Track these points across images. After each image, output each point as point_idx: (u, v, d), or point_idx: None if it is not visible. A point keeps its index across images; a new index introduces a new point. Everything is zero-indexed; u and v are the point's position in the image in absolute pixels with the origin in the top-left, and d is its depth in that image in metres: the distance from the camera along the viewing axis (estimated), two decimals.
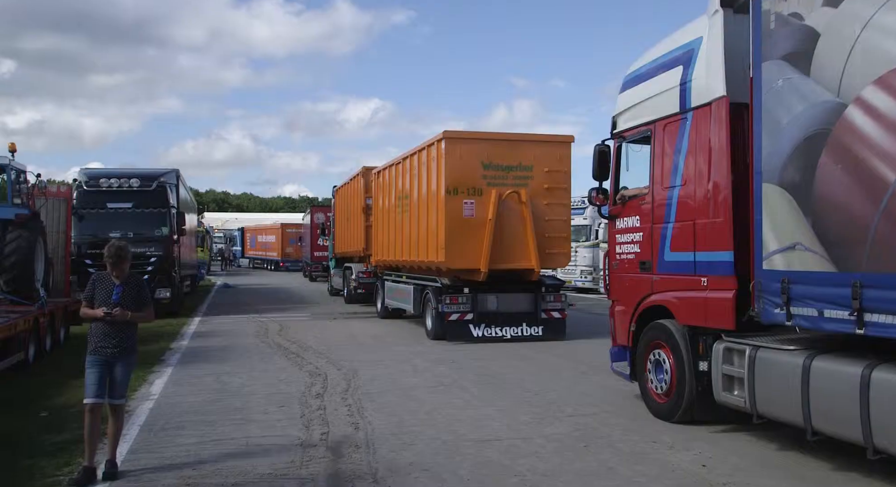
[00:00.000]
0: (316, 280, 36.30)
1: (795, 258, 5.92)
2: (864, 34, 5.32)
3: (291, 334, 15.27)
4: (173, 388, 9.42)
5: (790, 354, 6.00)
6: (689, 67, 7.28)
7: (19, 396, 8.91)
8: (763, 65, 6.27)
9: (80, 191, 18.07)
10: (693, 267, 7.20)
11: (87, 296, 6.02)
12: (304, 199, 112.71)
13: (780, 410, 6.11)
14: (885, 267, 5.11)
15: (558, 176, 14.14)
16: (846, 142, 5.44)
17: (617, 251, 8.61)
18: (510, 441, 6.81)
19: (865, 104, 5.29)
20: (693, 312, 7.17)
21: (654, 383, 7.73)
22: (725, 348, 6.72)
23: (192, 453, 6.46)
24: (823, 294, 5.64)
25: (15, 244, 12.17)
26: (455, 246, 13.47)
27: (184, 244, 21.29)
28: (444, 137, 13.85)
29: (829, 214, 5.62)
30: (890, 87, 5.07)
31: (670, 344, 7.45)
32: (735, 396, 6.59)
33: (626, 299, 8.40)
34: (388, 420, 7.66)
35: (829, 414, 5.60)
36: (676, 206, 7.45)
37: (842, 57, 5.49)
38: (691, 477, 5.78)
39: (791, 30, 6.04)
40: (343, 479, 5.76)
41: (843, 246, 5.50)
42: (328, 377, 10.17)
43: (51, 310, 12.01)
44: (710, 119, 6.95)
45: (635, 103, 8.29)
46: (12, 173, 12.98)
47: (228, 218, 79.48)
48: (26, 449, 6.60)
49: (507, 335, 13.92)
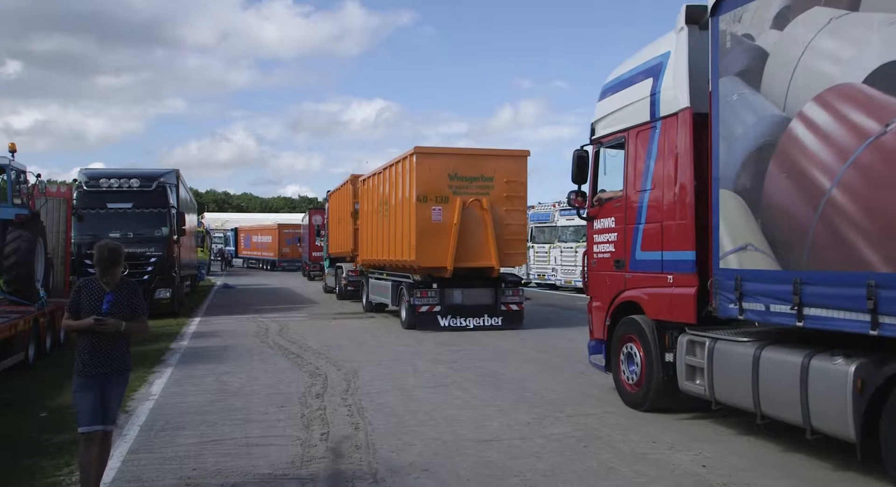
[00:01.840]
0: (314, 279, 36.76)
1: (747, 258, 6.50)
2: (805, 55, 5.89)
3: (292, 334, 15.28)
4: (173, 388, 9.42)
5: (743, 345, 6.55)
6: (658, 79, 7.80)
7: (19, 396, 8.92)
8: (720, 80, 6.85)
9: (80, 192, 18.07)
10: (661, 266, 7.71)
11: (72, 306, 5.08)
12: (304, 200, 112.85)
13: (734, 396, 6.67)
14: (822, 266, 5.70)
15: (516, 185, 16.08)
16: (790, 152, 6.00)
17: (594, 250, 9.11)
18: (510, 441, 6.82)
19: (806, 119, 5.84)
20: (660, 307, 7.73)
21: (626, 374, 8.28)
22: (688, 340, 7.26)
23: (192, 453, 6.46)
24: (770, 290, 6.21)
25: (15, 244, 12.17)
26: (425, 247, 15.37)
27: (184, 244, 21.30)
28: (415, 152, 15.80)
29: (776, 218, 6.18)
30: (827, 104, 5.63)
31: (640, 338, 7.98)
32: (696, 385, 7.15)
33: (602, 295, 8.93)
34: (388, 420, 7.66)
35: (774, 399, 6.14)
36: (646, 209, 7.97)
37: (787, 75, 6.05)
38: (691, 477, 5.78)
39: (744, 49, 6.57)
40: (343, 479, 5.77)
41: (787, 247, 6.06)
42: (328, 377, 10.17)
43: (51, 310, 12.02)
44: (676, 128, 7.47)
45: (611, 111, 8.77)
46: (12, 173, 12.98)
47: (228, 218, 79.47)
48: (26, 449, 6.61)
49: (471, 325, 15.81)
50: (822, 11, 5.72)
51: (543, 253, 29.85)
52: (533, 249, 30.64)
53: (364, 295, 21.18)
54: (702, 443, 6.72)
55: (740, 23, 6.66)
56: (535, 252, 30.47)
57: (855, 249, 5.39)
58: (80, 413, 5.03)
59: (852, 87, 5.44)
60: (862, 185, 5.35)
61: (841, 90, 5.54)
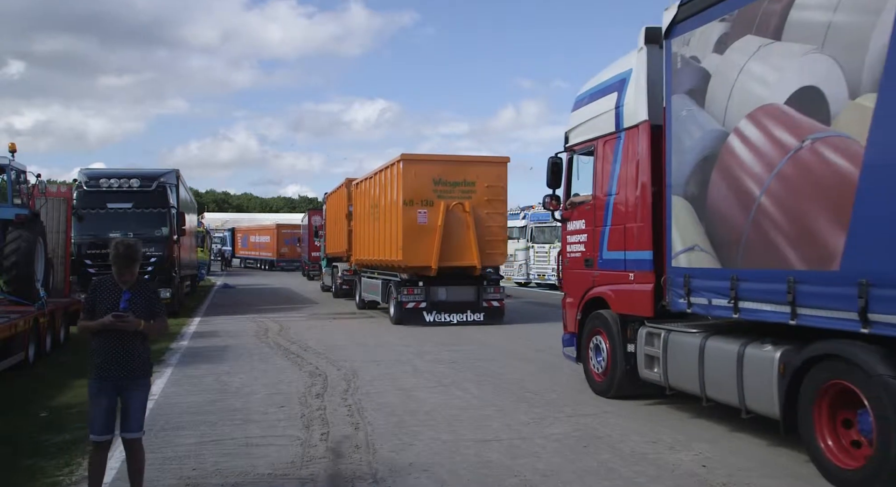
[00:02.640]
0: (313, 278, 37.01)
1: (694, 257, 7.21)
2: (739, 77, 6.59)
3: (291, 334, 15.28)
4: (173, 388, 9.42)
5: (691, 336, 7.26)
6: (622, 94, 8.46)
7: (19, 396, 8.92)
8: (672, 97, 7.56)
9: (80, 192, 18.04)
10: (624, 264, 8.36)
11: (88, 307, 4.89)
12: (304, 200, 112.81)
13: (684, 382, 7.38)
14: (753, 265, 6.39)
15: (496, 190, 17.03)
16: (728, 163, 6.69)
17: (567, 250, 9.80)
18: (510, 441, 6.82)
19: (741, 134, 6.53)
20: (623, 302, 8.40)
21: (595, 364, 8.98)
22: (647, 332, 7.96)
23: (192, 453, 6.45)
24: (712, 286, 6.91)
25: (15, 244, 12.15)
26: (411, 248, 16.32)
27: (184, 244, 21.29)
28: (402, 159, 16.78)
29: (717, 221, 6.88)
30: (757, 121, 6.33)
31: (607, 331, 8.67)
32: (654, 373, 7.85)
33: (574, 292, 9.62)
34: (388, 420, 7.66)
35: (716, 384, 6.85)
36: (612, 212, 8.61)
37: (725, 94, 6.76)
38: (691, 477, 5.78)
39: (692, 70, 7.28)
40: (343, 479, 5.76)
41: (726, 248, 6.76)
42: (328, 377, 10.17)
43: (51, 310, 12.02)
44: (636, 138, 8.12)
45: (582, 121, 9.38)
46: (12, 173, 12.98)
47: (228, 218, 79.44)
48: (26, 449, 6.60)
49: (454, 320, 16.81)
50: (753, 39, 6.41)
51: (543, 254, 29.82)
52: (533, 249, 30.65)
53: (357, 293, 22.09)
54: (702, 443, 6.72)
55: (689, 46, 7.34)
56: (535, 252, 30.46)
57: (778, 249, 6.08)
58: (93, 421, 4.82)
59: (777, 107, 6.13)
60: (784, 194, 6.03)
61: (768, 109, 6.23)
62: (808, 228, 5.76)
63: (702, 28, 7.12)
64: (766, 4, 6.26)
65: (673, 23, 7.54)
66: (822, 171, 5.65)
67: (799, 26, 5.94)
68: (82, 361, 11.21)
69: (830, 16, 5.63)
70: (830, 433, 5.66)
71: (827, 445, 5.65)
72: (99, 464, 4.92)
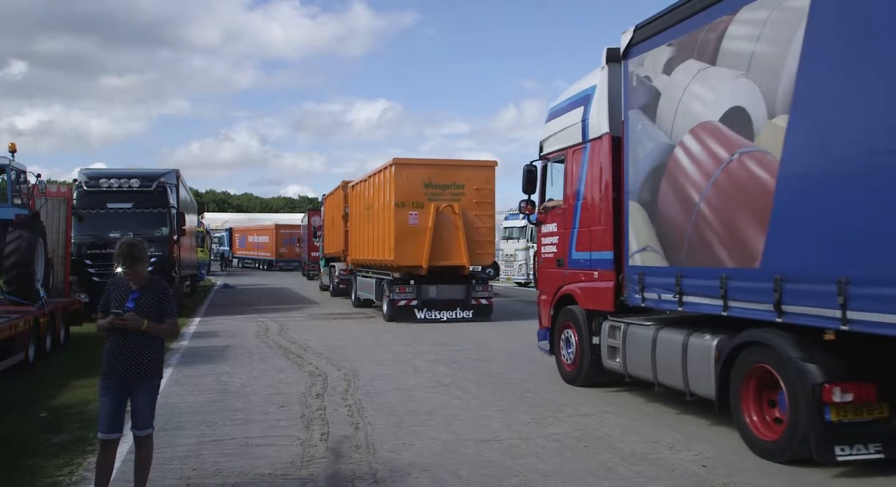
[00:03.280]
0: (313, 278, 37.12)
1: (647, 257, 7.96)
2: (683, 96, 7.34)
3: (291, 334, 15.29)
4: (173, 388, 9.41)
5: (646, 328, 8.00)
6: (587, 108, 9.17)
7: (19, 396, 8.92)
8: (629, 112, 8.32)
9: (80, 192, 18.04)
10: (590, 264, 9.10)
11: (102, 306, 4.95)
12: (304, 200, 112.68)
13: (640, 370, 8.11)
14: (694, 263, 7.16)
15: (485, 192, 17.68)
16: (674, 172, 7.45)
17: (542, 251, 10.57)
18: (510, 441, 6.82)
19: (685, 146, 7.28)
20: (589, 298, 9.13)
21: (565, 355, 9.74)
22: (609, 325, 8.72)
23: (192, 453, 6.45)
24: (661, 283, 7.68)
25: (15, 244, 12.16)
26: (402, 248, 16.96)
27: (184, 244, 21.28)
28: (394, 163, 17.42)
29: (665, 224, 7.62)
30: (697, 136, 7.10)
31: (575, 325, 9.46)
32: (616, 362, 8.58)
33: (547, 290, 10.34)
34: (388, 420, 7.66)
35: (666, 370, 7.62)
36: (580, 216, 9.34)
37: (672, 111, 7.51)
38: (691, 477, 5.78)
39: (645, 88, 8.03)
40: (343, 479, 5.76)
41: (672, 248, 7.52)
42: (328, 377, 10.17)
43: (51, 310, 12.02)
44: (600, 149, 8.84)
45: (555, 132, 10.08)
46: (12, 173, 12.98)
47: (229, 218, 79.40)
48: (26, 449, 6.60)
49: (444, 317, 17.46)
50: (694, 63, 7.18)
51: None
52: (532, 249, 30.59)
53: (353, 291, 22.75)
54: (702, 443, 6.72)
55: (643, 66, 8.10)
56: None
57: (713, 250, 6.85)
58: (100, 419, 4.87)
59: (712, 124, 6.87)
60: (718, 200, 6.79)
61: (705, 126, 6.98)
62: (737, 231, 6.53)
63: (653, 51, 7.89)
64: (704, 33, 7.00)
65: (629, 45, 8.31)
66: (746, 182, 6.40)
67: (729, 54, 6.69)
68: (82, 361, 11.24)
69: (753, 46, 6.37)
70: (756, 410, 6.43)
71: (752, 420, 6.43)
72: (106, 463, 4.92)
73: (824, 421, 5.62)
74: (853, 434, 5.65)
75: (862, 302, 5.25)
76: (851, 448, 5.67)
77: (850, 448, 5.67)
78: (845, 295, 5.34)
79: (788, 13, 5.95)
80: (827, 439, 5.65)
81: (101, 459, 4.92)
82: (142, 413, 4.92)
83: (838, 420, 5.62)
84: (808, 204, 5.74)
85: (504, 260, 31.87)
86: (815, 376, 5.69)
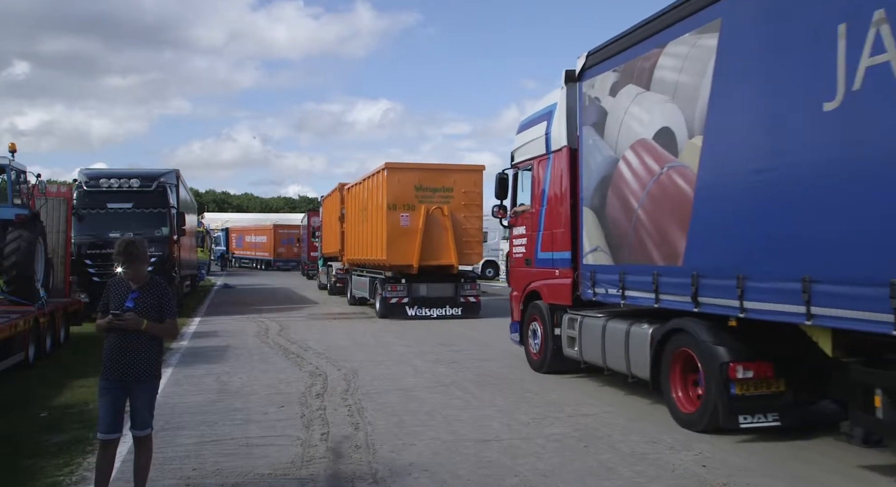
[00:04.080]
0: (312, 278, 37.28)
1: (597, 256, 8.95)
2: (625, 116, 8.35)
3: (291, 334, 15.28)
4: (173, 388, 9.41)
5: (597, 319, 8.97)
6: (550, 123, 10.16)
7: (19, 396, 8.92)
8: (583, 128, 9.35)
9: (80, 192, 18.03)
10: (552, 263, 10.09)
11: (102, 306, 4.95)
12: (304, 200, 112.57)
13: (593, 356, 9.09)
14: (634, 261, 8.16)
15: (473, 195, 18.49)
16: (618, 182, 8.47)
17: (513, 252, 11.53)
18: (510, 441, 6.82)
19: (626, 160, 8.30)
20: (551, 294, 10.15)
21: (532, 345, 10.80)
22: (568, 318, 9.69)
23: (192, 453, 6.45)
24: (608, 279, 8.69)
25: (15, 244, 12.14)
26: (394, 248, 17.77)
27: (184, 244, 21.28)
28: (386, 168, 18.25)
29: (611, 228, 8.63)
30: (636, 151, 8.11)
31: (541, 318, 10.48)
32: (574, 351, 9.57)
33: (518, 287, 11.33)
34: (389, 420, 7.66)
35: (612, 356, 8.61)
36: (544, 219, 10.33)
37: (616, 128, 8.53)
38: (691, 477, 5.78)
39: (595, 107, 9.06)
40: (343, 479, 5.76)
41: (617, 248, 8.51)
42: (328, 377, 10.17)
43: (51, 310, 12.02)
44: (560, 160, 9.83)
45: (524, 143, 11.07)
46: (12, 173, 12.97)
47: (229, 218, 79.34)
48: (26, 449, 6.59)
49: (434, 314, 18.25)
50: (633, 88, 8.20)
51: None
52: None
53: (349, 290, 23.55)
54: (702, 443, 6.72)
55: (594, 88, 9.11)
56: None
57: (648, 250, 7.87)
58: (99, 419, 4.87)
59: (647, 141, 7.88)
60: (651, 207, 7.81)
61: (642, 142, 7.99)
62: (665, 234, 7.56)
63: (602, 75, 8.92)
64: (640, 62, 8.04)
65: (583, 69, 9.35)
66: (672, 192, 7.42)
67: (660, 81, 7.71)
68: (82, 361, 11.24)
69: (678, 76, 7.40)
70: (682, 387, 7.42)
71: (678, 396, 7.43)
72: (105, 463, 4.92)
73: (730, 395, 6.62)
74: (754, 405, 6.66)
75: (754, 293, 6.30)
76: (753, 417, 6.68)
77: (752, 417, 6.68)
78: (742, 288, 6.39)
79: (702, 50, 6.96)
80: (732, 409, 6.65)
81: (101, 459, 4.93)
82: (141, 413, 4.92)
83: (742, 394, 6.62)
84: (716, 211, 6.83)
85: (504, 261, 31.90)
86: (722, 356, 6.70)
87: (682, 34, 7.30)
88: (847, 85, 5.34)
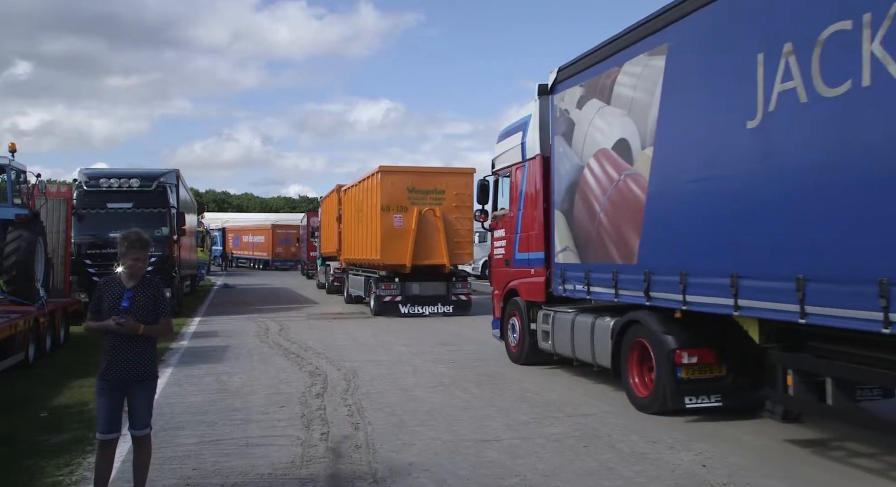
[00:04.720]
0: (312, 277, 37.34)
1: (567, 255, 9.68)
2: (589, 128, 9.07)
3: (291, 334, 15.28)
4: (173, 388, 9.41)
5: (567, 314, 9.77)
6: (525, 132, 10.90)
7: (19, 396, 8.91)
8: (555, 137, 10.09)
9: (80, 192, 18.03)
10: (528, 262, 10.78)
11: (94, 307, 4.90)
12: (304, 199, 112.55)
13: (564, 349, 9.85)
14: (597, 260, 8.85)
15: (464, 197, 18.98)
16: (583, 188, 9.20)
17: (494, 253, 12.33)
18: (510, 441, 6.81)
19: (591, 168, 9.03)
20: (527, 291, 10.91)
21: (511, 340, 11.60)
22: (543, 313, 10.46)
23: (192, 453, 6.45)
24: (575, 276, 9.37)
25: (15, 244, 12.14)
26: (388, 248, 18.42)
27: (184, 244, 21.27)
28: (380, 171, 18.94)
29: (578, 229, 9.36)
30: (598, 160, 8.84)
31: (519, 314, 11.23)
32: (547, 344, 10.33)
33: (498, 285, 12.13)
34: (388, 420, 7.66)
35: (580, 347, 9.38)
36: (521, 222, 11.04)
37: (582, 139, 9.24)
38: (691, 477, 5.78)
39: (565, 119, 9.79)
40: (343, 479, 5.76)
41: (583, 248, 9.23)
42: (328, 377, 10.17)
43: (51, 310, 12.01)
44: (534, 167, 10.53)
45: (503, 151, 11.81)
46: (12, 173, 12.97)
47: (229, 218, 79.29)
48: (26, 449, 6.59)
49: (427, 312, 18.88)
50: (596, 102, 8.93)
51: None
52: None
53: (345, 289, 24.12)
54: (702, 443, 6.72)
55: (563, 101, 9.84)
56: None
57: (609, 249, 8.58)
58: (98, 420, 4.88)
59: (607, 151, 8.61)
60: (611, 211, 8.53)
61: (603, 152, 8.70)
62: (623, 235, 8.27)
63: (570, 89, 9.64)
64: (602, 79, 8.77)
65: (554, 83, 10.08)
66: (629, 197, 8.13)
67: (618, 97, 8.44)
68: (82, 361, 11.23)
69: (633, 92, 8.11)
70: (638, 374, 8.15)
71: (635, 382, 8.16)
72: (105, 463, 4.92)
73: (677, 378, 7.38)
74: (699, 387, 7.44)
75: (695, 288, 7.04)
76: (697, 398, 7.45)
77: (697, 398, 7.45)
78: (685, 284, 7.13)
79: (653, 70, 7.69)
80: (679, 392, 7.43)
81: (101, 459, 4.94)
82: (139, 413, 4.93)
83: (687, 378, 7.39)
84: (663, 214, 7.56)
85: None
86: (670, 344, 7.46)
87: (637, 55, 8.03)
88: (765, 106, 6.08)
